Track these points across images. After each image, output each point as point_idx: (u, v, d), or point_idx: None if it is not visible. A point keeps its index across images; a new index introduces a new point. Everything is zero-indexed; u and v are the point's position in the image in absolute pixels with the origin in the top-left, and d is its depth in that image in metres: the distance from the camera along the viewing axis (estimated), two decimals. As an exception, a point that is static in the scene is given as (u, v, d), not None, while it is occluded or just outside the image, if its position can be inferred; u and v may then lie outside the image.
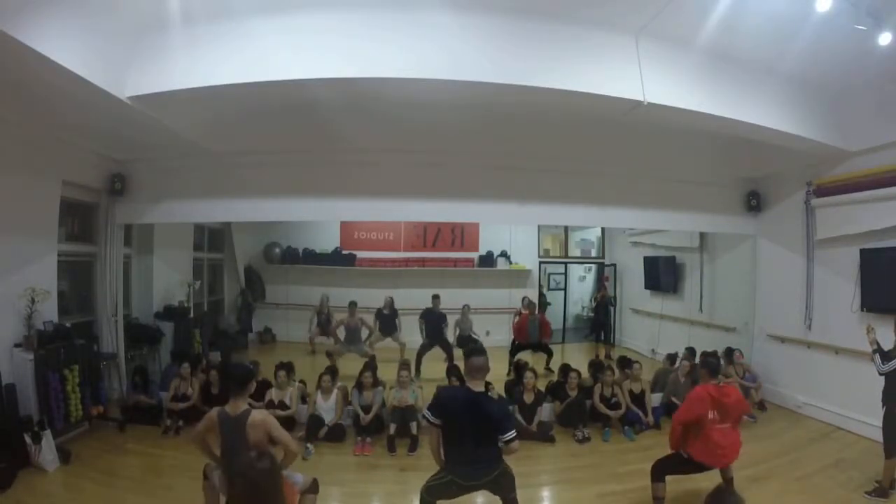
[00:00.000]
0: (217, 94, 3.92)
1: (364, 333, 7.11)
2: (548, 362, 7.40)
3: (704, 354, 3.61)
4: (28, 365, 4.30)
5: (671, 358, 6.31)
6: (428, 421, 2.89)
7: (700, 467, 3.39)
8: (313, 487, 3.09)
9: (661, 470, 3.50)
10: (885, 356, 3.74)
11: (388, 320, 7.29)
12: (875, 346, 3.82)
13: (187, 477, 3.88)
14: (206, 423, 2.88)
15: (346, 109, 4.57)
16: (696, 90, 4.26)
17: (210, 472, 2.97)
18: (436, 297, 7.25)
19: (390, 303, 7.34)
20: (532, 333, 7.35)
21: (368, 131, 5.15)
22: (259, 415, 2.77)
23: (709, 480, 3.50)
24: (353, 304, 7.10)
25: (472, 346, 2.93)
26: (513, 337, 7.60)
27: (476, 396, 2.77)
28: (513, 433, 2.79)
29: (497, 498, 2.98)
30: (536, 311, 7.76)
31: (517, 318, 7.65)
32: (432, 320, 7.12)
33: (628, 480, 4.09)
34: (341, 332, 7.05)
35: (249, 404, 2.87)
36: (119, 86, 3.74)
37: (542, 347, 7.45)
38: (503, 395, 5.42)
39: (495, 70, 3.74)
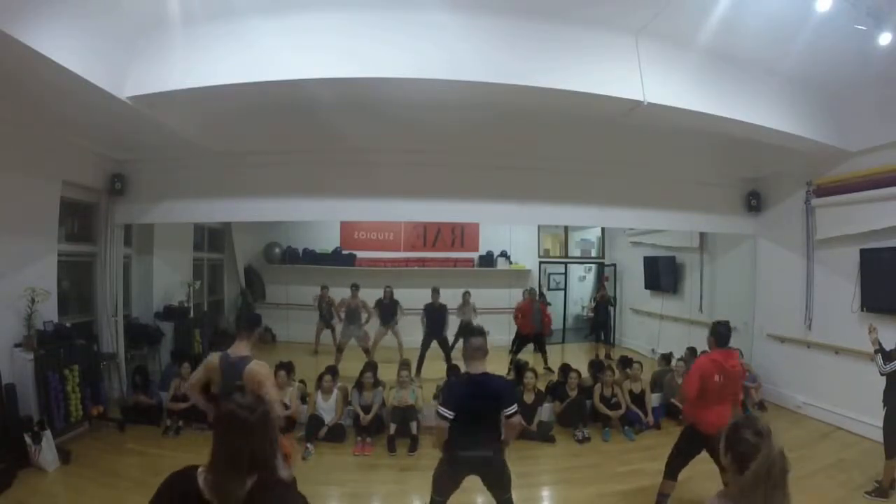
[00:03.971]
0: (217, 94, 3.92)
1: (364, 317, 7.17)
2: (545, 361, 7.41)
3: (716, 322, 3.59)
4: (28, 365, 4.31)
5: (666, 358, 6.31)
6: (442, 416, 2.83)
7: (703, 441, 3.36)
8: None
9: (673, 466, 3.50)
10: (887, 356, 3.73)
11: (387, 310, 7.33)
12: (877, 347, 3.81)
13: (187, 477, 3.89)
14: (205, 367, 2.87)
15: (346, 109, 4.57)
16: (696, 90, 4.26)
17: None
18: (435, 292, 7.28)
19: (390, 294, 7.38)
20: (535, 321, 7.38)
21: (368, 131, 5.15)
22: (257, 366, 2.75)
23: (712, 480, 3.49)
24: (355, 287, 7.17)
25: (469, 329, 2.93)
26: (516, 330, 7.62)
27: (478, 377, 2.80)
28: (514, 407, 2.84)
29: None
30: (538, 300, 7.81)
31: (519, 309, 7.66)
32: (433, 314, 7.14)
33: (628, 480, 4.09)
34: (342, 314, 7.17)
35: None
36: (119, 86, 3.74)
37: (540, 342, 7.45)
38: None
39: (495, 70, 3.74)
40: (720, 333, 3.51)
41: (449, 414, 2.79)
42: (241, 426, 1.40)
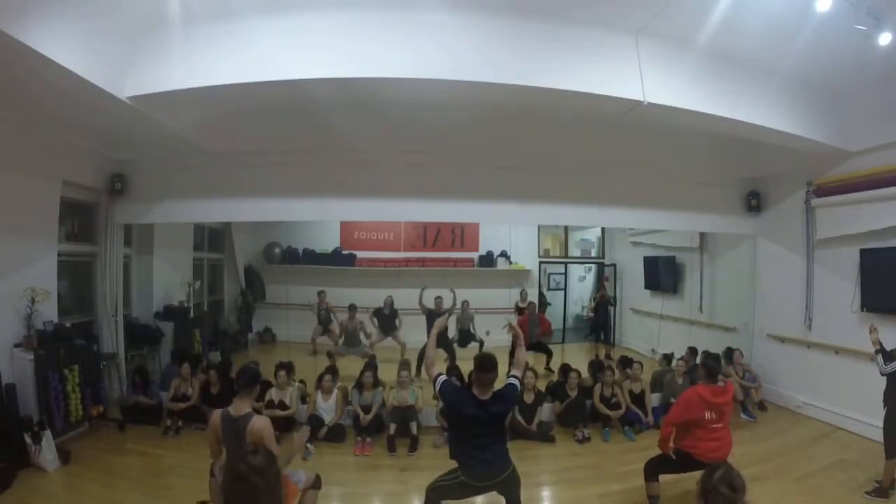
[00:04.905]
0: (217, 94, 3.92)
1: (363, 337, 7.11)
2: (548, 362, 7.39)
3: (706, 355, 3.60)
4: (28, 365, 4.30)
5: (667, 358, 6.30)
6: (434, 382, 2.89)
7: (693, 464, 3.35)
8: (316, 483, 3.11)
9: (654, 469, 3.50)
10: (888, 356, 3.72)
11: (388, 320, 7.30)
12: (878, 347, 3.80)
13: (187, 477, 3.89)
14: (210, 426, 2.87)
15: (346, 109, 4.57)
16: (696, 90, 4.26)
17: (217, 471, 2.98)
18: (438, 299, 7.27)
19: (390, 303, 7.35)
20: (532, 332, 7.31)
21: (368, 131, 5.15)
22: (259, 422, 2.75)
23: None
24: (352, 307, 7.11)
25: (485, 356, 2.91)
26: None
27: (483, 404, 2.79)
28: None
29: (500, 499, 2.98)
30: (537, 310, 7.73)
31: (517, 320, 7.60)
32: (434, 320, 7.09)
33: (628, 480, 4.08)
34: (341, 339, 7.07)
35: (253, 409, 2.88)
36: (119, 86, 3.74)
37: (542, 347, 7.42)
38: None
39: (495, 70, 3.74)
40: (710, 367, 3.51)
41: (438, 383, 2.85)
42: (254, 491, 1.44)
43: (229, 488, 1.50)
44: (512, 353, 7.15)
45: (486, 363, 2.85)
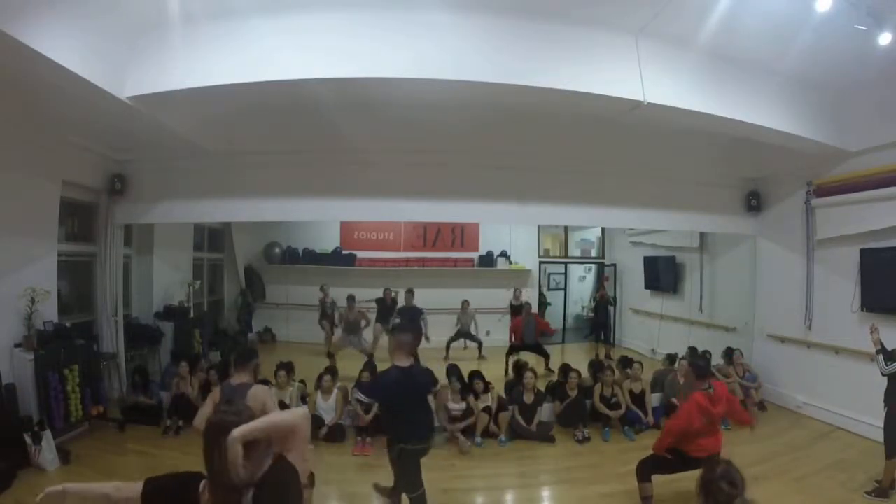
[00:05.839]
0: (217, 94, 3.91)
1: (363, 324, 7.14)
2: (546, 363, 7.37)
3: (693, 354, 3.61)
4: (28, 365, 4.30)
5: (671, 358, 6.31)
6: (359, 401, 3.00)
7: (687, 462, 3.37)
8: (308, 482, 3.11)
9: (646, 470, 3.51)
10: (889, 357, 3.72)
11: (387, 310, 7.33)
12: (879, 347, 3.80)
13: (187, 477, 3.88)
14: (211, 400, 2.88)
15: (346, 109, 4.57)
16: (696, 90, 4.26)
17: None
18: (409, 292, 7.30)
19: (391, 295, 7.38)
20: (528, 334, 7.28)
21: (368, 131, 5.15)
22: (260, 390, 2.81)
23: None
24: (351, 299, 7.14)
25: (397, 324, 3.11)
26: (510, 338, 7.56)
27: (406, 371, 2.99)
28: (437, 386, 3.23)
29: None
30: (531, 311, 7.71)
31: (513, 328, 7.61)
32: (406, 317, 7.03)
33: (628, 480, 4.06)
34: (340, 327, 7.16)
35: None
36: (119, 86, 3.74)
37: (539, 350, 7.38)
38: (502, 395, 5.46)
39: (495, 70, 3.74)
40: (698, 367, 3.56)
41: (365, 399, 3.09)
42: (228, 425, 1.42)
43: (207, 448, 1.47)
44: (508, 354, 7.20)
45: (397, 326, 3.15)
